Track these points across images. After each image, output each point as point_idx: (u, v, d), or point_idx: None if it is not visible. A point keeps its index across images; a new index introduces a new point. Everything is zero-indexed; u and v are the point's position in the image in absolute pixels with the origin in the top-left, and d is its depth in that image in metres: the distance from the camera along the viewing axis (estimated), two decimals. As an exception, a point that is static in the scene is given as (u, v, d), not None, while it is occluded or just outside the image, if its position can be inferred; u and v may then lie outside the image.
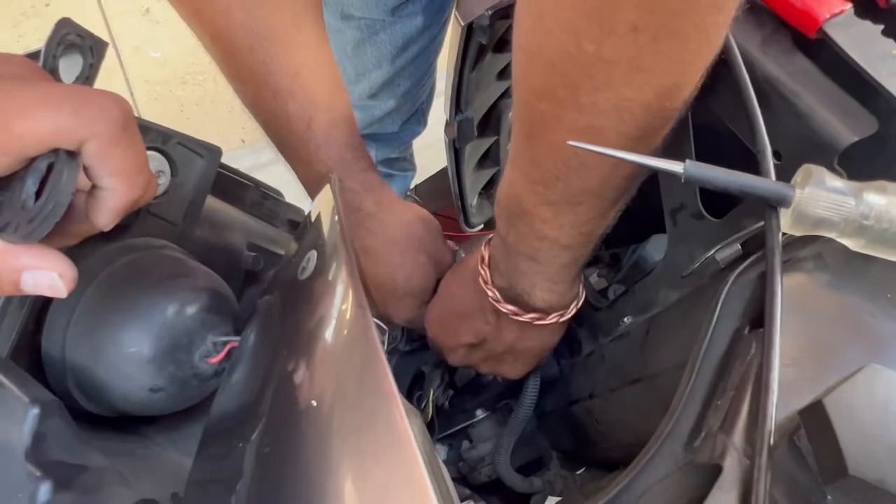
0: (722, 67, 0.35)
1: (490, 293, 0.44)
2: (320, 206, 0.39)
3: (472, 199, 0.71)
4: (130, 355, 0.35)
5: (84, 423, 0.35)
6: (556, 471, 0.63)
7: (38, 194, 0.25)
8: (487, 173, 0.70)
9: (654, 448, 0.26)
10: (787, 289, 0.28)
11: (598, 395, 0.54)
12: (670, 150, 0.36)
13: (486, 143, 0.65)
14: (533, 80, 0.31)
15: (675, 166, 0.29)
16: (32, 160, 0.25)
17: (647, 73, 0.28)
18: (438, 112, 0.92)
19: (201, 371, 0.38)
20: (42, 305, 0.36)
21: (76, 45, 0.35)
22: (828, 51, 0.33)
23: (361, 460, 0.23)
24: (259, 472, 0.30)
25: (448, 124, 0.55)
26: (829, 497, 0.22)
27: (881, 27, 0.33)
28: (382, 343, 0.26)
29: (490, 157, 0.68)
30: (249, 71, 0.46)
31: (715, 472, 0.23)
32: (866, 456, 0.20)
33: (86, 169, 0.26)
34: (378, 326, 0.26)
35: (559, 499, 0.58)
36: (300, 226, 0.50)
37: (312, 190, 0.51)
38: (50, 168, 0.25)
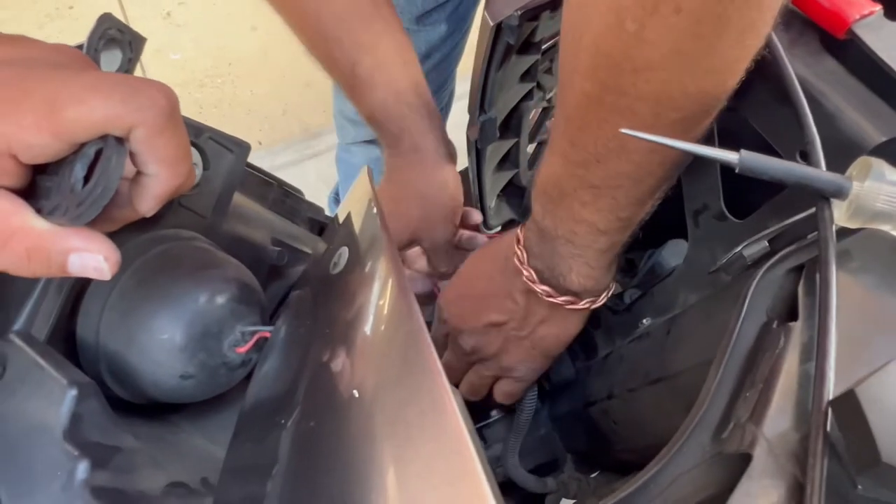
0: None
1: (526, 273, 0.45)
2: (350, 206, 0.40)
3: (491, 201, 0.71)
4: (163, 342, 0.36)
5: (115, 409, 0.36)
6: (569, 473, 0.63)
7: (86, 179, 0.26)
8: (507, 175, 0.70)
9: (683, 439, 0.26)
10: (813, 284, 0.28)
11: (617, 396, 0.54)
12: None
13: (507, 144, 0.66)
14: (577, 60, 0.31)
15: (730, 156, 0.30)
16: (82, 146, 0.26)
17: (688, 58, 0.28)
18: (455, 116, 0.93)
19: (230, 360, 0.38)
20: (78, 292, 0.37)
21: (116, 39, 0.37)
22: (856, 52, 0.33)
23: (407, 431, 0.23)
24: (296, 456, 0.30)
25: (471, 124, 0.56)
26: (860, 486, 0.22)
27: (911, 29, 0.33)
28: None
29: (510, 160, 0.69)
30: (302, 19, 0.51)
31: (744, 461, 0.24)
32: (900, 443, 0.20)
33: (132, 156, 0.27)
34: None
35: (573, 502, 0.58)
36: (328, 227, 0.52)
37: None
38: (98, 154, 0.26)
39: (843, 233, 0.30)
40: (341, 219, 0.39)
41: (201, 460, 0.37)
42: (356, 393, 0.29)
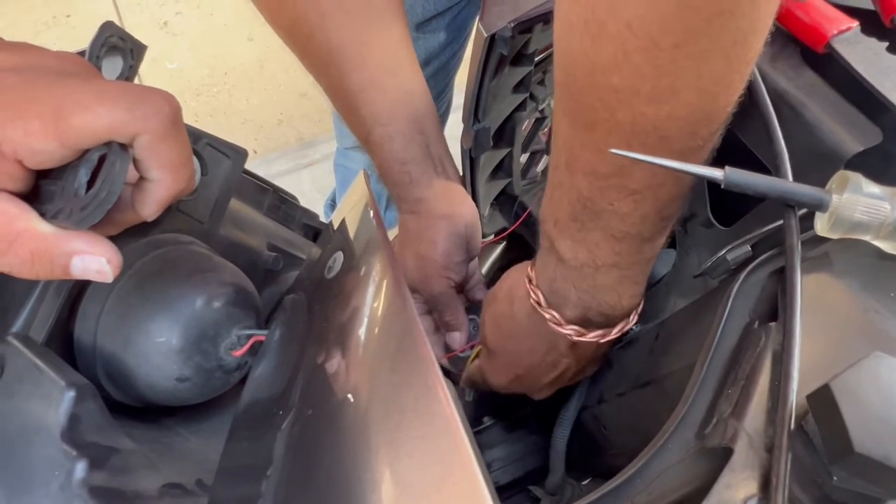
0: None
1: (568, 332, 0.42)
2: (345, 211, 0.40)
3: (485, 210, 0.72)
4: (159, 345, 0.37)
5: (112, 412, 0.37)
6: (563, 479, 0.64)
7: (89, 184, 0.27)
8: (500, 184, 0.72)
9: (667, 434, 0.27)
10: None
11: (607, 401, 0.55)
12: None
13: (500, 154, 0.67)
14: (599, 55, 0.28)
15: (715, 173, 0.31)
16: (86, 152, 0.27)
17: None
18: (452, 128, 0.95)
19: (226, 363, 0.39)
20: (76, 295, 0.37)
21: (118, 47, 0.38)
22: (835, 65, 0.35)
23: (401, 421, 0.24)
24: (291, 457, 0.31)
25: (465, 133, 0.57)
26: (835, 477, 0.23)
27: (886, 44, 0.34)
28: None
29: (503, 169, 0.70)
30: (327, 85, 0.52)
31: (726, 454, 0.25)
32: (871, 435, 0.21)
33: (135, 162, 0.27)
34: None
35: (567, 507, 0.58)
36: (322, 232, 0.53)
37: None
38: (101, 160, 0.27)
39: (823, 241, 0.32)
40: (336, 223, 0.39)
41: (197, 462, 0.37)
42: (352, 394, 0.30)
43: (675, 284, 0.51)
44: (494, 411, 0.69)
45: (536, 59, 0.57)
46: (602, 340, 0.42)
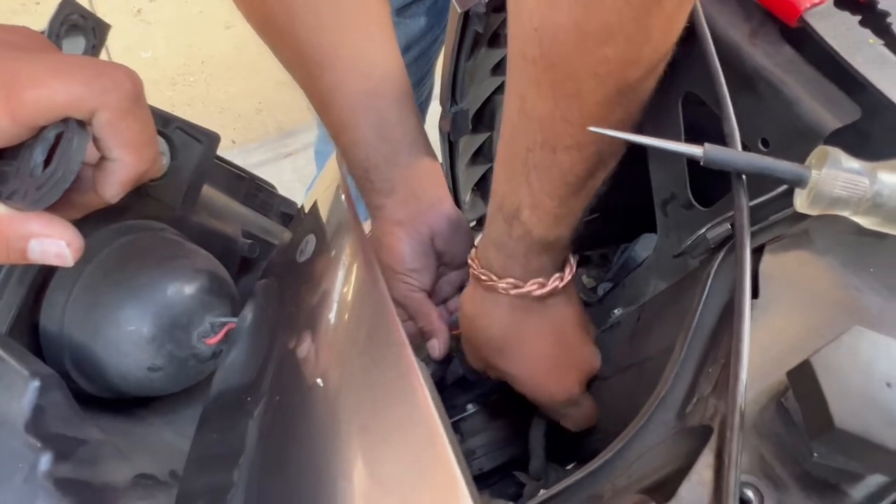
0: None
1: (504, 285, 0.43)
2: (317, 194, 0.40)
3: (465, 195, 0.72)
4: (130, 333, 0.36)
5: (81, 404, 0.35)
6: (545, 463, 0.64)
7: (46, 164, 0.26)
8: (480, 169, 0.71)
9: (647, 415, 0.27)
10: (775, 264, 0.29)
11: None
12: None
13: (480, 138, 0.66)
14: (591, 24, 0.29)
15: (695, 150, 0.31)
16: (41, 130, 0.25)
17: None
18: (434, 115, 0.94)
19: (199, 351, 0.38)
20: (41, 283, 0.36)
21: (79, 25, 0.36)
22: (811, 41, 0.34)
23: (374, 405, 0.24)
24: (263, 445, 0.30)
25: (443, 117, 0.56)
26: (815, 454, 0.23)
27: (859, 18, 0.34)
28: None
29: (483, 154, 0.69)
30: (300, 82, 0.51)
31: (706, 434, 0.24)
32: (851, 410, 0.21)
33: (95, 140, 0.26)
34: None
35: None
36: (294, 218, 0.51)
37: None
38: (59, 138, 0.26)
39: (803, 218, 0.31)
40: (308, 207, 0.38)
41: (170, 453, 0.36)
42: (322, 379, 0.29)
43: (657, 267, 0.50)
44: (478, 398, 0.69)
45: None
46: (537, 292, 0.44)
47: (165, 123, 0.42)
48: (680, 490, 0.23)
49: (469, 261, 0.46)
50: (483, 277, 0.44)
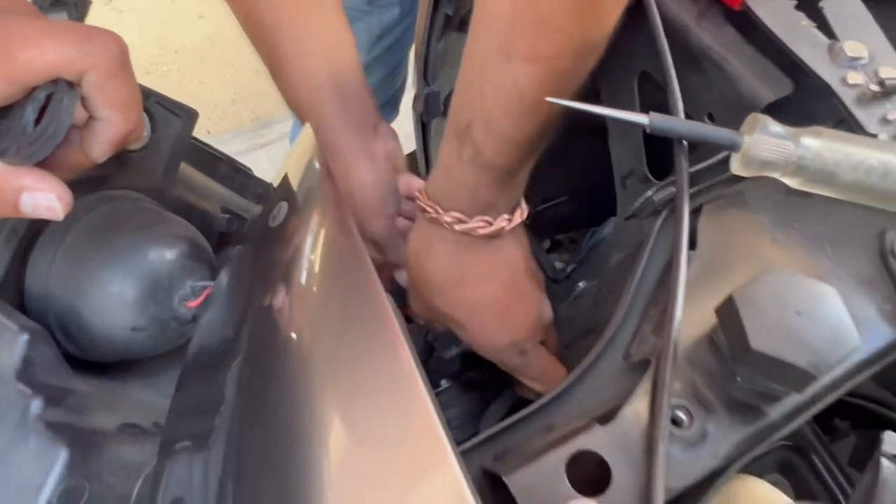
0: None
1: (449, 219, 0.42)
2: (287, 167, 0.41)
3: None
4: (113, 295, 0.37)
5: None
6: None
7: (36, 123, 0.27)
8: (452, 153, 0.73)
9: (596, 354, 0.29)
10: (712, 220, 0.32)
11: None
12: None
13: (452, 122, 0.68)
14: None
15: (641, 118, 0.33)
16: (33, 90, 0.27)
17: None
18: (409, 108, 0.96)
19: (180, 314, 0.40)
20: (27, 246, 0.37)
21: (62, 1, 0.38)
22: (751, 22, 0.38)
23: (352, 354, 0.25)
24: (244, 393, 0.32)
25: (416, 98, 0.58)
26: (739, 378, 0.26)
27: (794, 2, 0.37)
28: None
29: (455, 137, 0.71)
30: (262, 55, 0.53)
31: (646, 365, 0.27)
32: (765, 334, 0.24)
33: (84, 100, 0.28)
34: None
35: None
36: (264, 193, 0.53)
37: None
38: (49, 98, 0.27)
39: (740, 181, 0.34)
40: (279, 179, 0.40)
41: (152, 408, 0.38)
42: (298, 331, 0.31)
43: (617, 241, 0.53)
44: (451, 375, 0.71)
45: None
46: (482, 230, 0.42)
47: (145, 97, 0.43)
48: (620, 412, 0.26)
49: (416, 193, 0.44)
50: (429, 210, 0.43)
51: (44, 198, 0.28)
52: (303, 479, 0.26)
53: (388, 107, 1.07)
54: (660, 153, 0.43)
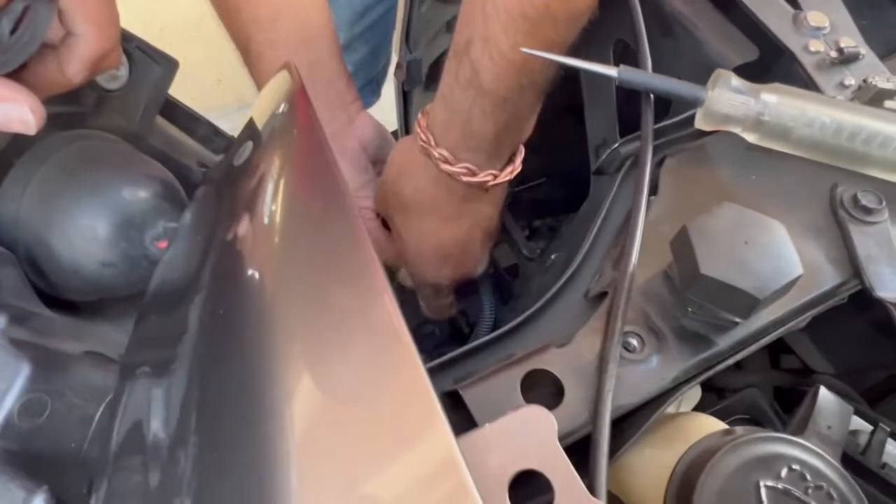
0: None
1: (437, 154, 0.42)
2: (254, 111, 0.41)
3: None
4: (85, 228, 0.37)
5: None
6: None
7: (12, 34, 0.28)
8: (433, 127, 0.74)
9: (556, 289, 0.30)
10: (674, 171, 0.33)
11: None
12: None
13: (434, 96, 0.69)
14: None
15: (610, 71, 0.34)
16: (9, 2, 0.27)
17: None
18: (391, 97, 0.96)
19: (151, 253, 0.40)
20: (-2, 174, 0.37)
21: None
22: (721, -10, 0.39)
23: (324, 290, 0.24)
24: (208, 324, 0.31)
25: (398, 66, 0.59)
26: (690, 308, 0.27)
27: (762, -27, 0.39)
28: None
29: (437, 112, 0.72)
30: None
31: (603, 297, 0.28)
32: (715, 261, 0.25)
33: (61, 14, 0.28)
34: None
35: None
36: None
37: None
38: (25, 11, 0.27)
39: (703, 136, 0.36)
40: (245, 122, 0.39)
41: (116, 343, 0.38)
42: (263, 264, 0.30)
43: (589, 211, 0.55)
44: (426, 351, 0.72)
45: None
46: (465, 177, 0.43)
47: (126, 40, 0.43)
48: (575, 336, 0.27)
49: (419, 115, 0.44)
50: (423, 138, 0.43)
51: (17, 109, 0.28)
52: (268, 415, 0.26)
53: (370, 88, 1.07)
54: (633, 125, 0.44)
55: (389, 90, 1.13)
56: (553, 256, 0.61)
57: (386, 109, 1.02)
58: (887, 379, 0.43)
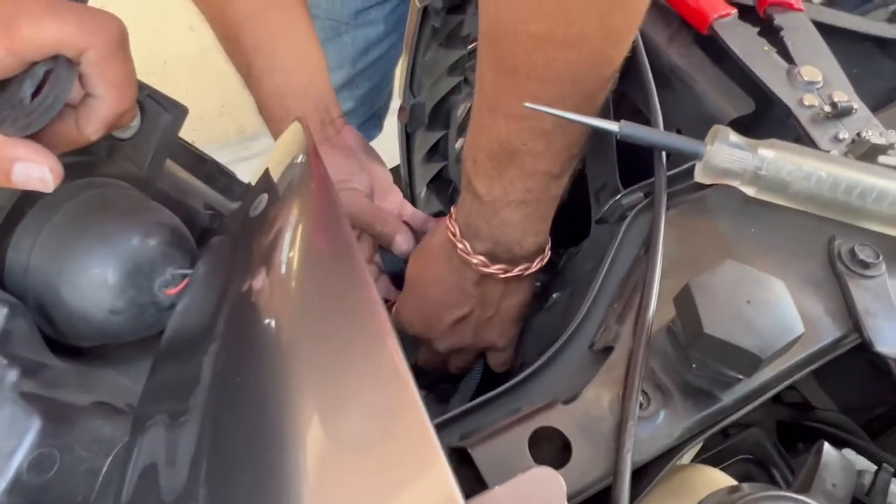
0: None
1: (475, 261, 0.45)
2: (269, 162, 0.42)
3: (421, 190, 0.76)
4: (94, 276, 0.38)
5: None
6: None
7: (34, 97, 0.28)
8: (436, 166, 0.75)
9: (562, 342, 0.31)
10: (675, 223, 0.34)
11: (526, 363, 0.59)
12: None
13: (436, 136, 0.70)
14: (520, 5, 0.32)
15: (611, 126, 0.35)
16: (33, 65, 0.28)
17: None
18: (394, 128, 0.97)
19: (159, 300, 0.40)
20: (11, 224, 0.38)
21: None
22: (718, 45, 0.40)
23: (335, 340, 0.25)
24: (221, 375, 0.32)
25: (401, 108, 0.60)
26: (693, 364, 0.27)
27: (757, 29, 0.40)
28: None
29: (439, 151, 0.73)
30: (210, 13, 0.55)
31: (609, 352, 0.29)
32: (718, 320, 0.25)
33: (82, 78, 0.29)
34: None
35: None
36: (246, 189, 0.53)
37: None
38: (48, 74, 0.28)
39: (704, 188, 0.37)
40: (259, 174, 0.41)
41: (125, 391, 0.38)
42: (278, 316, 0.31)
43: (590, 251, 0.55)
44: (426, 385, 0.71)
45: (470, 46, 0.62)
46: (504, 275, 0.46)
47: (138, 89, 0.44)
48: (582, 393, 0.27)
49: (448, 218, 0.47)
50: (459, 246, 0.45)
51: (37, 168, 0.28)
52: (279, 468, 0.26)
53: (372, 122, 1.09)
54: (632, 169, 0.45)
55: (390, 124, 1.15)
56: (555, 296, 0.61)
57: (389, 141, 1.04)
58: (888, 411, 0.44)
